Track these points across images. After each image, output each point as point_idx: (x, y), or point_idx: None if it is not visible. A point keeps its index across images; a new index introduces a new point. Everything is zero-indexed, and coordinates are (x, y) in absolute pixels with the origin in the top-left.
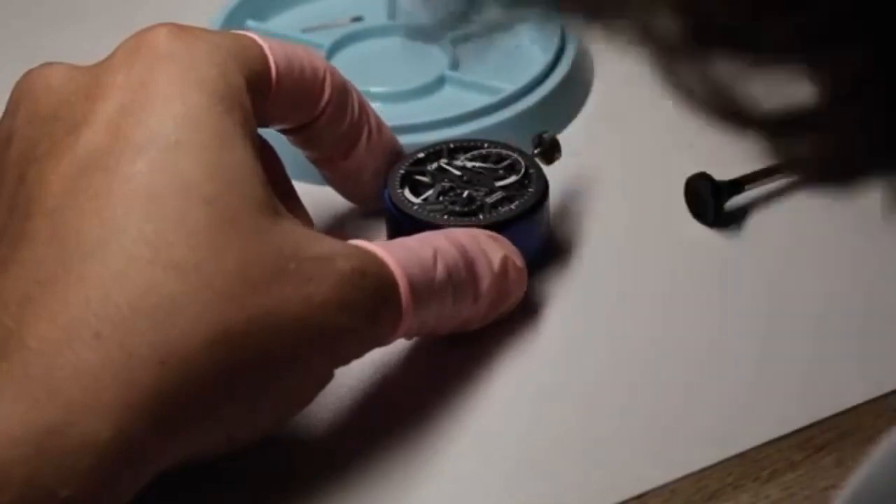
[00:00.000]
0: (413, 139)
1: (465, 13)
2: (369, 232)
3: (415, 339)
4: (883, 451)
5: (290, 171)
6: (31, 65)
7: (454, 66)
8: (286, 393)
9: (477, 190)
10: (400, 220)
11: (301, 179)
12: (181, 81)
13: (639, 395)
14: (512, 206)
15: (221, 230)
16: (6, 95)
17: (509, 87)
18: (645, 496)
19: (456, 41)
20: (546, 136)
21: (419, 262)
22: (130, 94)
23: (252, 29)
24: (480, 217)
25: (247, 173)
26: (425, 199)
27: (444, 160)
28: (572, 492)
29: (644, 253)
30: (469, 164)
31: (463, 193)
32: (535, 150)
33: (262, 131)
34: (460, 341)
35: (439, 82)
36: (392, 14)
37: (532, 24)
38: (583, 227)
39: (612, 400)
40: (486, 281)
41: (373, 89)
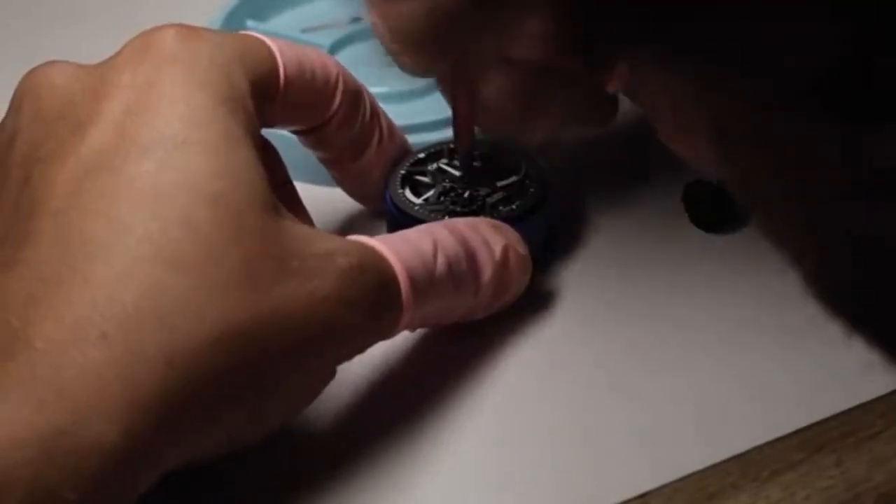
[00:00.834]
0: (413, 139)
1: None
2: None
3: (418, 335)
4: None
5: (292, 172)
6: (31, 65)
7: None
8: (290, 391)
9: (478, 190)
10: (401, 220)
11: (303, 180)
12: (186, 83)
13: (640, 395)
14: (513, 206)
15: (226, 228)
16: (7, 95)
17: None
18: (646, 496)
19: None
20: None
21: (419, 255)
22: (136, 95)
23: (252, 29)
24: (482, 217)
25: (251, 173)
26: (426, 200)
27: (444, 160)
28: (573, 491)
29: (646, 255)
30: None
31: (464, 193)
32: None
33: (268, 131)
34: (461, 339)
35: None
36: None
37: None
38: (585, 227)
39: (613, 400)
40: (487, 271)
41: (373, 89)
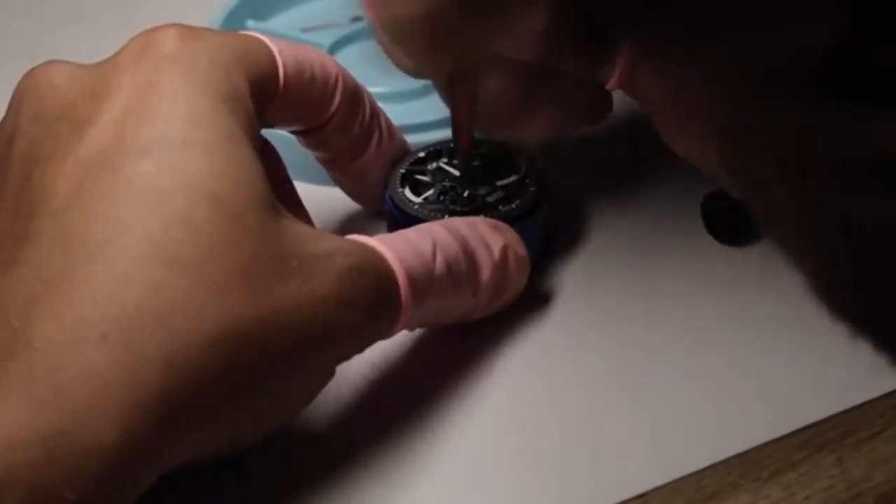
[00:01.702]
0: (413, 139)
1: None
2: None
3: (418, 335)
4: None
5: (292, 172)
6: (31, 65)
7: None
8: (289, 391)
9: (477, 189)
10: (400, 219)
11: (303, 180)
12: (186, 83)
13: (640, 395)
14: (513, 206)
15: (226, 228)
16: (7, 95)
17: None
18: (645, 496)
19: None
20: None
21: (418, 254)
22: (136, 95)
23: (252, 29)
24: (481, 217)
25: (251, 173)
26: (426, 199)
27: (444, 160)
28: (573, 491)
29: (646, 255)
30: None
31: (464, 193)
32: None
33: (268, 131)
34: (460, 339)
35: None
36: None
37: None
38: (585, 227)
39: (612, 400)
40: (486, 272)
41: (373, 89)
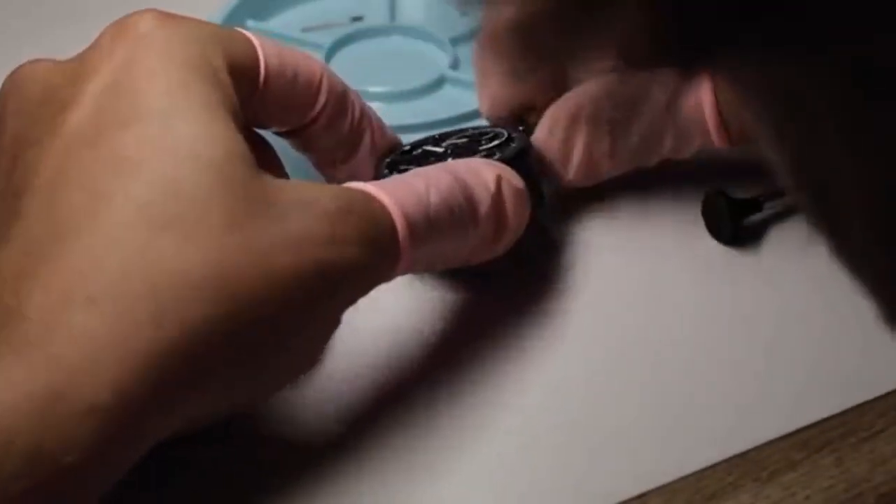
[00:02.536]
0: (413, 139)
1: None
2: None
3: (417, 337)
4: None
5: (291, 172)
6: None
7: (454, 66)
8: (290, 346)
9: (461, 156)
10: None
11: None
12: (162, 58)
13: (640, 395)
14: (496, 156)
15: (207, 183)
16: None
17: None
18: (645, 496)
19: (456, 41)
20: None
21: (412, 192)
22: (114, 73)
23: (252, 29)
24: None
25: (230, 133)
26: None
27: (428, 145)
28: (573, 491)
29: (647, 255)
30: (453, 142)
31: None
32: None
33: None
34: (461, 340)
35: (439, 82)
36: (392, 14)
37: None
38: (585, 227)
39: (612, 400)
40: (484, 203)
41: (373, 89)
